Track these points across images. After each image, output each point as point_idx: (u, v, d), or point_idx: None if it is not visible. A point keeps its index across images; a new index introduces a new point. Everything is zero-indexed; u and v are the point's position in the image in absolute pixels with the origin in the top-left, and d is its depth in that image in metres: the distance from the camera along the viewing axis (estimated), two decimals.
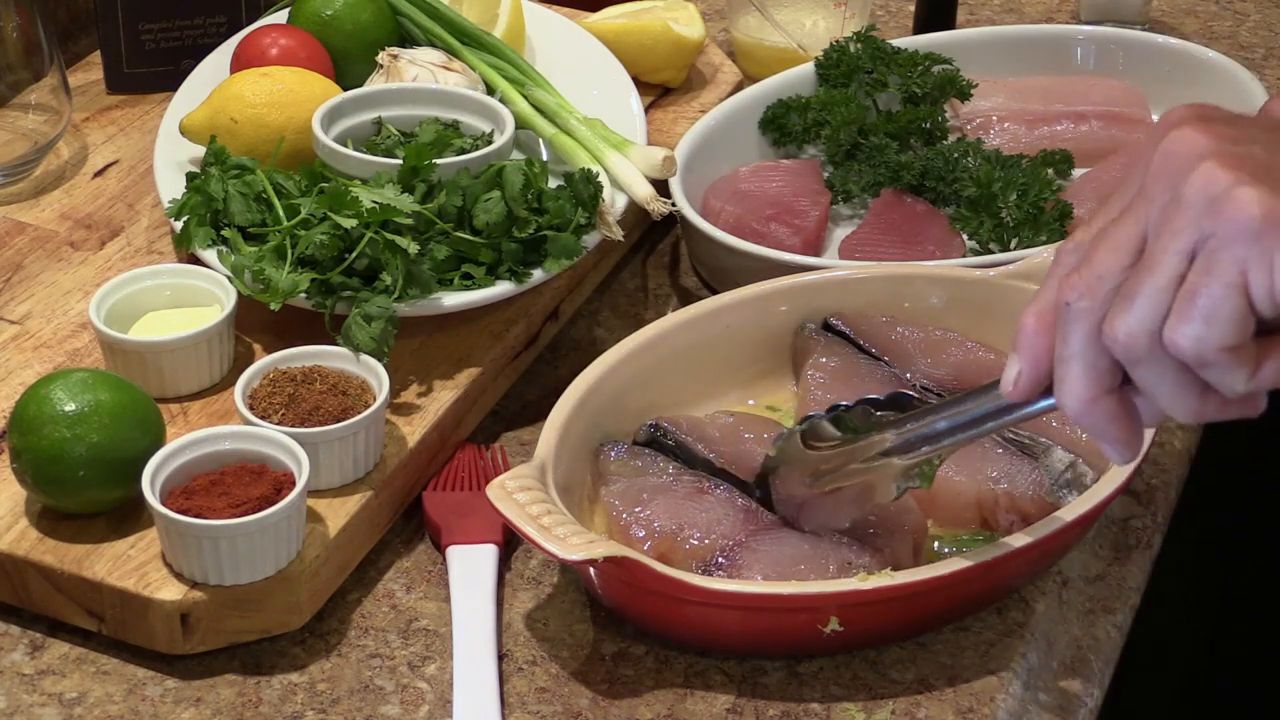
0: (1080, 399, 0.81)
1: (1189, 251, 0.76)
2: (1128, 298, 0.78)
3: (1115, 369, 0.80)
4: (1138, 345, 0.78)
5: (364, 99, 1.30)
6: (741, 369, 1.18)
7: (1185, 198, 0.76)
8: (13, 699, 1.00)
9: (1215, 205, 0.75)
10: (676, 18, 1.48)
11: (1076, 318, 0.80)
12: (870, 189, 1.38)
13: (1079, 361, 0.81)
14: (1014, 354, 0.85)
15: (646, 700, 1.00)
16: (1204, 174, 0.76)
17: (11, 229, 1.32)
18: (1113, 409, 0.81)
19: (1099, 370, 0.80)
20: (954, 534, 1.07)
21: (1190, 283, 0.76)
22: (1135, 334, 0.78)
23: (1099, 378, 0.81)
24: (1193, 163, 0.77)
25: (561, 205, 1.20)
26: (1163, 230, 0.77)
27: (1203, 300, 0.76)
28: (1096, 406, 0.81)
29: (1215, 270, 0.75)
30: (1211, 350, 0.76)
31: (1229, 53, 1.54)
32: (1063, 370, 0.81)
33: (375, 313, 1.12)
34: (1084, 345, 0.80)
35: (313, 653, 1.03)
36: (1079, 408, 0.81)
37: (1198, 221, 0.76)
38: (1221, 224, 0.75)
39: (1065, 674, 1.04)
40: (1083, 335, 0.80)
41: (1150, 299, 0.77)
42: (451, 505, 1.11)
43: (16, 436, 1.04)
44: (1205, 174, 0.76)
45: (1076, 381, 0.81)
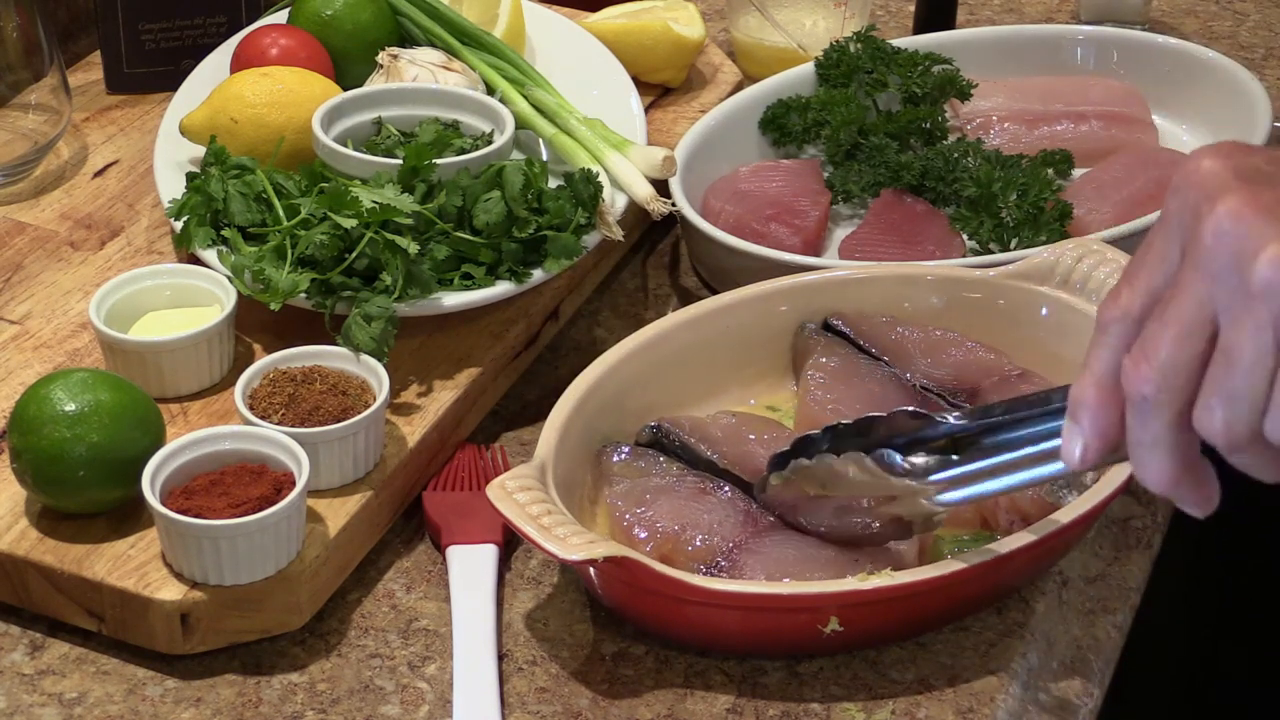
0: (1169, 480, 0.80)
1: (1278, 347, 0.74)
2: (1223, 395, 0.76)
3: (1195, 443, 0.79)
4: (1239, 439, 0.76)
5: (364, 99, 1.30)
6: (741, 369, 1.18)
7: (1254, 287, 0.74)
8: (13, 699, 1.00)
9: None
10: (676, 18, 1.48)
11: (1155, 411, 0.78)
12: (870, 189, 1.38)
13: (1163, 448, 0.79)
14: (1075, 425, 0.83)
15: (646, 700, 1.00)
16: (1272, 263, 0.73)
17: (11, 229, 1.32)
18: (1197, 478, 0.80)
19: (1182, 451, 0.79)
20: (954, 534, 1.07)
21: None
22: (1236, 430, 0.76)
23: (1183, 458, 0.79)
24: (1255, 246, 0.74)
25: (561, 205, 1.20)
26: (1241, 321, 0.75)
27: None
28: (1182, 483, 0.80)
29: None
30: None
31: (1229, 53, 1.53)
32: (1143, 455, 0.79)
33: (375, 313, 1.12)
34: (1167, 433, 0.78)
35: (313, 653, 1.03)
36: (1167, 488, 0.80)
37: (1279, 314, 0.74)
38: None
39: (1065, 674, 1.04)
40: (1164, 425, 0.78)
41: (1249, 397, 0.75)
42: (451, 505, 1.11)
43: (16, 436, 1.04)
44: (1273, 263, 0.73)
45: (1160, 467, 0.79)
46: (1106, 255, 1.17)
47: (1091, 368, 0.82)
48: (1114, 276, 1.14)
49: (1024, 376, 1.14)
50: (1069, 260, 1.17)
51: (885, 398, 1.13)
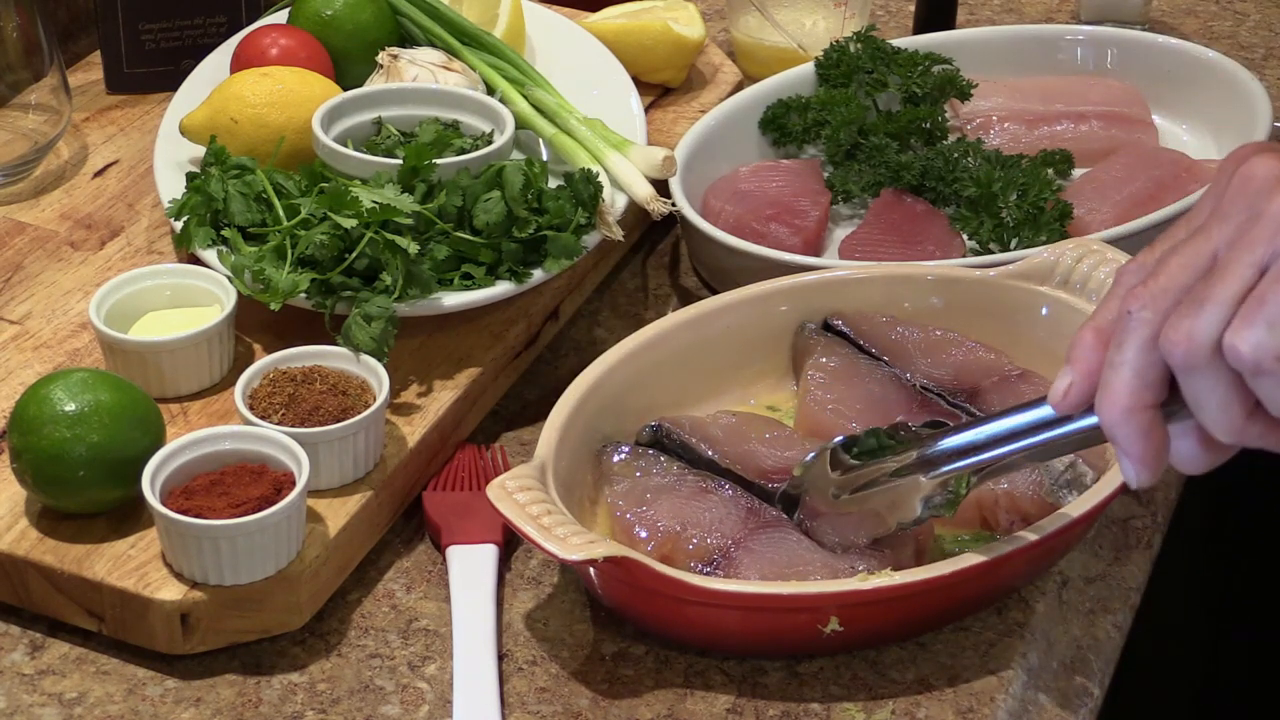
0: (1120, 407, 0.80)
1: (1262, 264, 0.76)
2: (1194, 303, 0.77)
3: (1162, 383, 0.80)
4: (1198, 351, 0.77)
5: (364, 99, 1.30)
6: (741, 369, 1.18)
7: (1266, 214, 0.77)
8: (13, 699, 1.00)
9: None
10: (676, 18, 1.48)
11: (1136, 326, 0.79)
12: (870, 189, 1.38)
13: (1129, 368, 0.80)
14: (1067, 366, 0.84)
15: (646, 700, 1.00)
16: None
17: (11, 229, 1.32)
18: (1147, 424, 0.80)
19: (1146, 379, 0.79)
20: (954, 534, 1.07)
21: (1259, 290, 0.76)
22: (1197, 339, 0.77)
23: (1144, 387, 0.80)
24: (1273, 185, 0.77)
25: (561, 205, 1.20)
26: (1238, 243, 0.77)
27: (1270, 307, 0.75)
28: (1133, 418, 0.80)
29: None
30: (1270, 358, 0.75)
31: (1229, 53, 1.53)
32: (1110, 375, 0.80)
33: (375, 313, 1.12)
34: (1137, 352, 0.79)
35: (313, 653, 1.03)
36: (1116, 415, 0.80)
37: (1275, 237, 0.76)
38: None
39: (1065, 674, 1.04)
40: (1138, 343, 0.79)
41: (1218, 306, 0.76)
42: (451, 505, 1.11)
43: (16, 436, 1.04)
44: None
45: (1121, 387, 0.80)
46: (1106, 255, 1.17)
47: (1095, 316, 0.84)
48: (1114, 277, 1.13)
49: (1024, 376, 1.14)
50: (1069, 260, 1.17)
51: (885, 398, 1.13)
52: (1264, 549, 1.72)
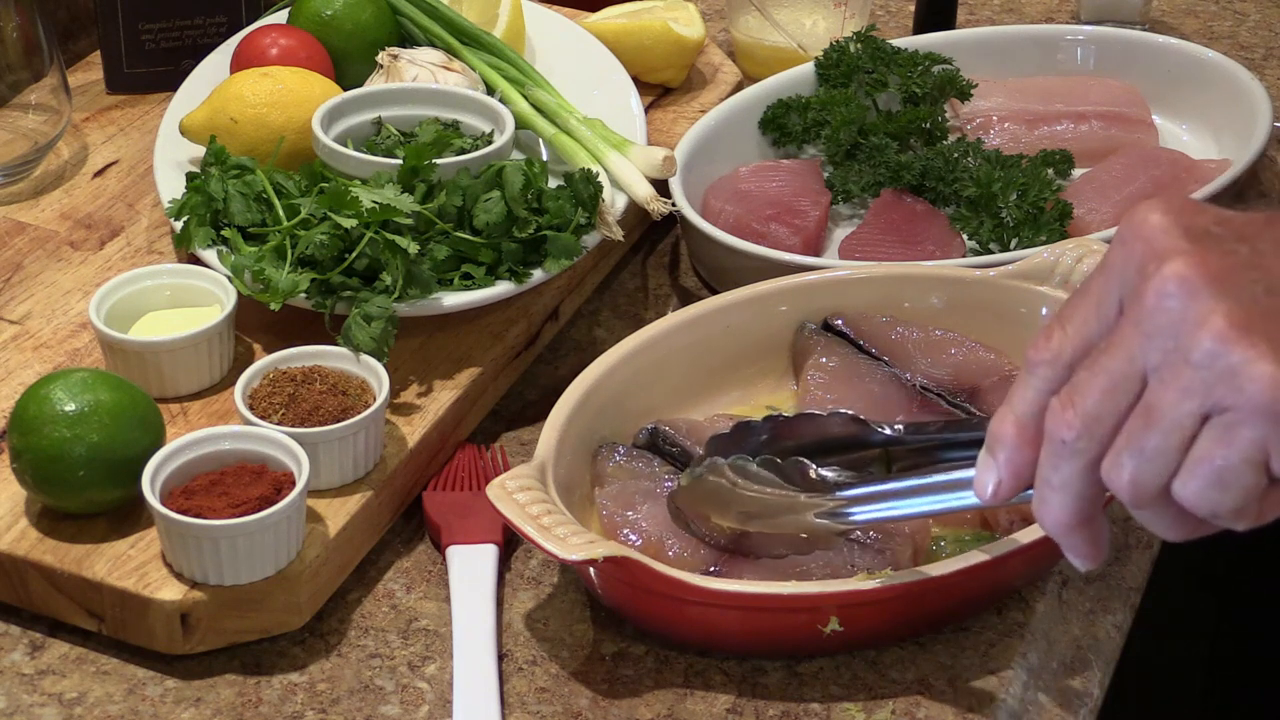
0: (1063, 525, 0.81)
1: (1200, 414, 0.74)
2: (1135, 451, 0.76)
3: (1100, 498, 0.80)
4: (1145, 496, 0.77)
5: (364, 99, 1.30)
6: (741, 369, 1.18)
7: (1194, 359, 0.74)
8: (13, 699, 1.00)
9: (1232, 379, 0.73)
10: (676, 18, 1.48)
11: (1072, 455, 0.79)
12: (870, 189, 1.38)
13: (1069, 492, 0.79)
14: (991, 460, 0.83)
15: (646, 700, 1.00)
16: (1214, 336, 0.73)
17: (11, 229, 1.32)
18: (1092, 533, 0.81)
19: (1086, 500, 0.80)
20: (954, 534, 1.07)
21: (1206, 450, 0.74)
22: (1145, 488, 0.76)
23: (1085, 507, 0.80)
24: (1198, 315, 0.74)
25: (561, 205, 1.20)
26: (1169, 384, 0.75)
27: (1219, 470, 0.74)
28: (1077, 532, 0.81)
29: (1235, 445, 0.73)
30: (1226, 511, 0.75)
31: (1229, 53, 1.54)
32: (1049, 494, 0.80)
33: (375, 313, 1.12)
34: (1076, 478, 0.79)
35: (313, 653, 1.03)
36: (1061, 531, 0.81)
37: (1210, 388, 0.73)
38: (1242, 400, 0.73)
39: (1065, 674, 1.04)
40: (1076, 470, 0.79)
41: (1161, 457, 0.75)
42: (451, 505, 1.11)
43: (16, 436, 1.04)
44: (1216, 336, 0.73)
45: (1061, 510, 0.80)
46: None
47: (1014, 405, 0.82)
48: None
49: None
50: (1069, 260, 1.17)
51: (885, 398, 1.13)
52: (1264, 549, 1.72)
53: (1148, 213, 0.78)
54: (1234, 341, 0.73)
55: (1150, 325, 0.76)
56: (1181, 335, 0.74)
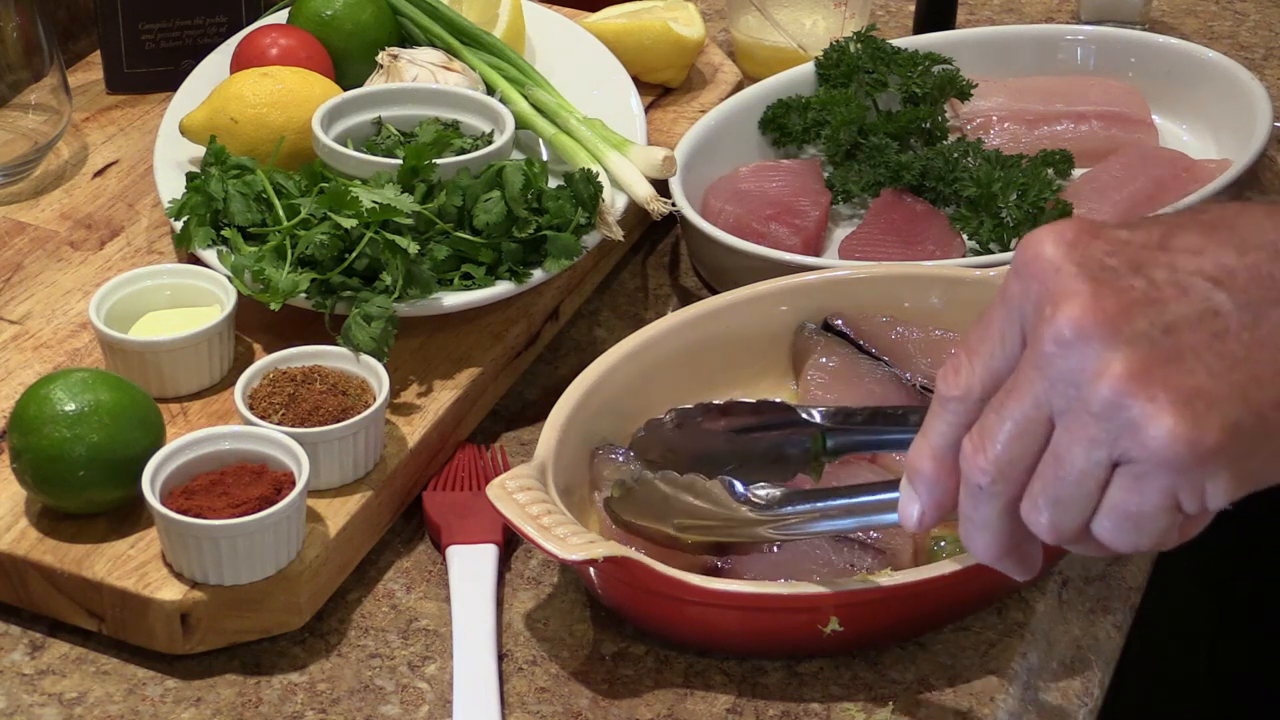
0: (992, 557, 0.82)
1: (1109, 463, 0.75)
2: (1049, 499, 0.77)
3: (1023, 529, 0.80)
4: (1065, 537, 0.78)
5: (364, 99, 1.30)
6: (741, 369, 1.18)
7: (1095, 410, 0.74)
8: (13, 699, 1.00)
9: (1134, 432, 0.73)
10: (676, 18, 1.48)
11: (989, 499, 0.79)
12: (870, 189, 1.38)
13: (990, 532, 0.81)
14: (912, 492, 0.84)
15: (646, 700, 1.00)
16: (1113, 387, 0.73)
17: (11, 229, 1.32)
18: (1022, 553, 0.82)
19: (1008, 534, 0.81)
20: (954, 534, 1.07)
21: (1118, 498, 0.75)
22: (1064, 530, 0.78)
23: (1009, 538, 0.81)
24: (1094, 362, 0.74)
25: (561, 205, 1.20)
26: (1075, 433, 0.75)
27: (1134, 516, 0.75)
28: (1006, 558, 0.82)
29: (1145, 494, 0.74)
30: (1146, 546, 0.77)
31: (1229, 53, 1.53)
32: (972, 532, 0.81)
33: (375, 313, 1.12)
34: (996, 518, 0.80)
35: (313, 653, 1.03)
36: (990, 560, 0.82)
37: (1114, 439, 0.74)
38: (1145, 454, 0.73)
39: (1065, 674, 1.04)
40: (995, 511, 0.80)
41: (1076, 503, 0.76)
42: (451, 505, 1.11)
43: (16, 436, 1.04)
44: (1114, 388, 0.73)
45: (986, 544, 0.81)
46: None
47: (929, 439, 0.82)
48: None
49: None
50: None
51: (885, 398, 1.13)
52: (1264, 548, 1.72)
53: (1041, 244, 0.77)
54: (1132, 395, 0.73)
55: (1051, 371, 0.76)
56: (1081, 385, 0.75)
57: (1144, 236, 0.77)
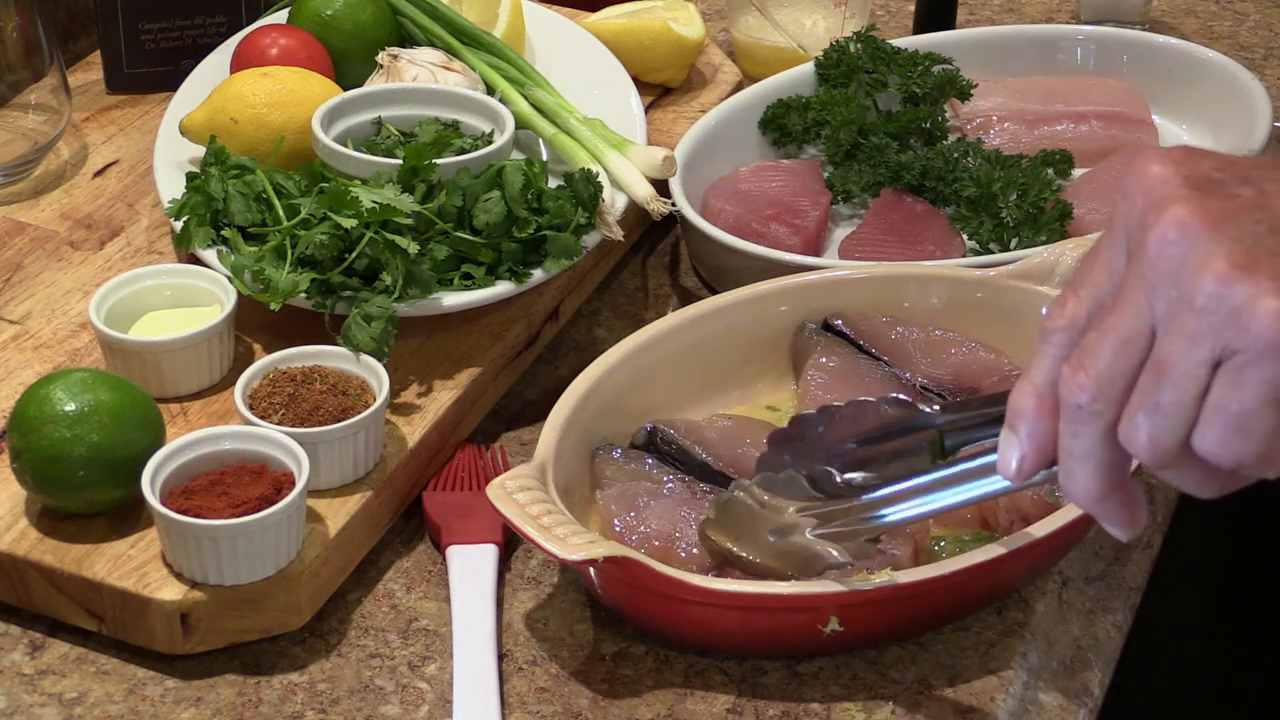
0: (1095, 496, 0.79)
1: (1211, 361, 0.73)
2: (1150, 409, 0.74)
3: (1126, 463, 0.78)
4: (1166, 455, 0.75)
5: (364, 99, 1.30)
6: (741, 369, 1.18)
7: (1199, 304, 0.72)
8: (13, 699, 1.00)
9: (1237, 319, 0.71)
10: (676, 18, 1.48)
11: (1089, 420, 0.77)
12: (870, 189, 1.38)
13: (1093, 461, 0.77)
14: (1013, 436, 0.81)
15: (646, 700, 1.00)
16: (1216, 278, 0.72)
17: (11, 229, 1.32)
18: (1124, 498, 0.79)
19: (1112, 467, 0.78)
20: (954, 534, 1.07)
21: (1222, 397, 0.73)
22: (1163, 446, 0.75)
23: (1112, 474, 0.78)
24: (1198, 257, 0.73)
25: (561, 205, 1.20)
26: (1176, 334, 0.73)
27: (1236, 416, 0.72)
28: (1108, 501, 0.79)
29: (1248, 387, 0.72)
30: (1250, 458, 0.73)
31: (1229, 53, 1.54)
32: (1073, 466, 0.78)
33: (375, 313, 1.12)
34: (1097, 445, 0.77)
35: (313, 653, 1.03)
36: (1092, 503, 0.79)
37: (1217, 331, 0.72)
38: (1249, 340, 0.71)
39: (1065, 674, 1.04)
40: (1096, 437, 0.77)
41: (1176, 413, 0.74)
42: (451, 505, 1.11)
43: (16, 436, 1.04)
44: (1218, 278, 0.72)
45: (1090, 480, 0.78)
46: None
47: (1032, 376, 0.80)
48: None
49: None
50: (1069, 260, 1.17)
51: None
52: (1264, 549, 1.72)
53: (1148, 164, 0.76)
54: (1236, 281, 0.71)
55: (1154, 276, 0.74)
56: (1184, 282, 0.73)
57: (1253, 160, 0.77)
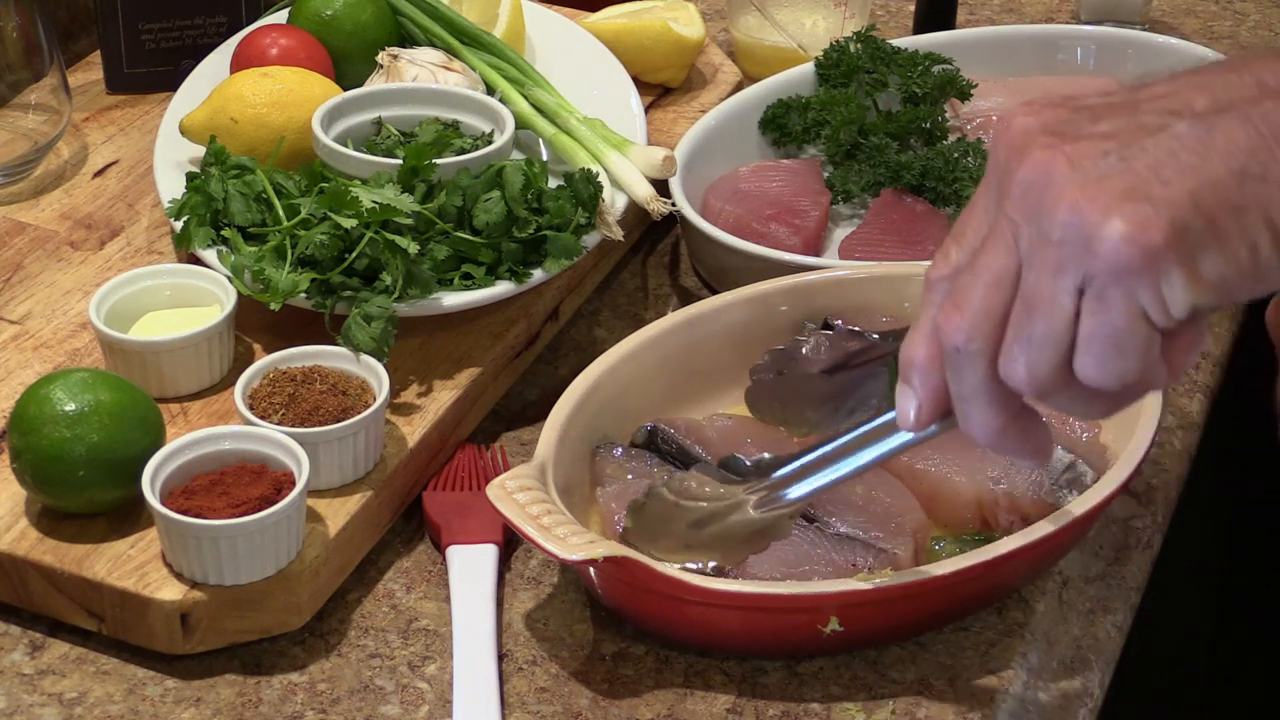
0: (990, 431, 0.81)
1: (1075, 289, 0.76)
2: (1024, 342, 0.78)
3: (1015, 397, 0.80)
4: (1045, 385, 0.78)
5: (364, 99, 1.30)
6: (742, 369, 1.18)
7: (1056, 236, 0.76)
8: (13, 699, 1.00)
9: (1090, 245, 0.75)
10: (676, 18, 1.48)
11: (969, 362, 0.80)
12: (870, 189, 1.38)
13: (980, 399, 0.80)
14: (907, 387, 0.84)
15: (646, 700, 1.00)
16: (1068, 207, 0.75)
17: (11, 229, 1.32)
18: (1022, 430, 0.82)
19: (1001, 403, 0.80)
20: (954, 534, 1.07)
21: (1092, 323, 0.76)
22: (1042, 375, 0.78)
23: (1002, 409, 0.81)
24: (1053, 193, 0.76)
25: (561, 205, 1.20)
26: (1040, 268, 0.77)
27: (1109, 337, 0.76)
28: (1007, 434, 0.81)
29: (1112, 307, 0.75)
30: (1132, 377, 0.77)
31: (1229, 53, 1.54)
32: (964, 408, 0.81)
33: (375, 313, 1.12)
34: (982, 384, 0.80)
35: (313, 653, 1.03)
36: (989, 439, 0.82)
37: (1077, 260, 0.75)
38: (1101, 264, 0.75)
39: (1065, 674, 1.04)
40: (979, 376, 0.80)
41: (1050, 343, 0.77)
42: (451, 505, 1.11)
43: (16, 436, 1.04)
44: (1069, 207, 0.75)
45: (982, 418, 0.81)
46: None
47: (920, 326, 0.83)
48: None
49: None
50: None
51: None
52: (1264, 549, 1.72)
53: (1013, 118, 0.80)
54: (1086, 210, 0.75)
55: (1017, 215, 0.78)
56: (1042, 218, 0.77)
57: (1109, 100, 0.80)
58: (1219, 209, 0.75)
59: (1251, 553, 1.74)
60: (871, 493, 1.06)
